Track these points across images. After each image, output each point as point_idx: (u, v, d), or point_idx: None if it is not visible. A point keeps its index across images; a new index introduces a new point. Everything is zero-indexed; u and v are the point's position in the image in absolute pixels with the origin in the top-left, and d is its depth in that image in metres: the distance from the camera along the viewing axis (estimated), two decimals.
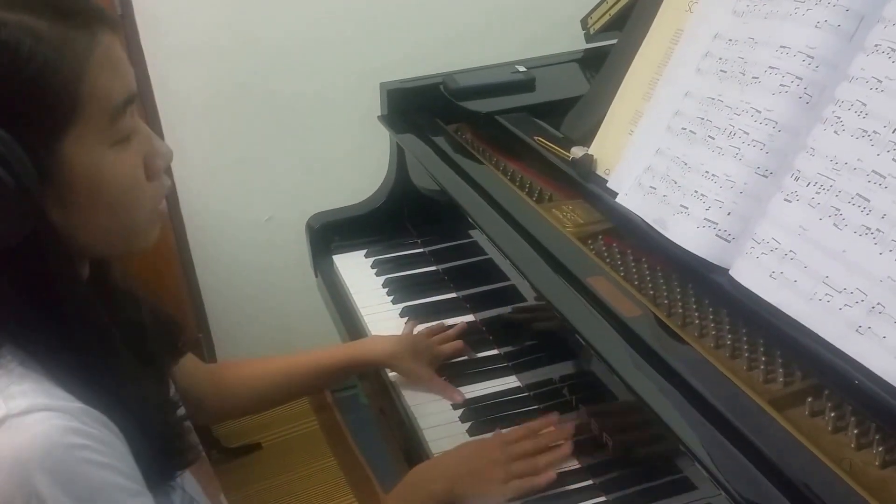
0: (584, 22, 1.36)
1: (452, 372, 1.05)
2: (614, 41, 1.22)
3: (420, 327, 1.11)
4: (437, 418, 0.98)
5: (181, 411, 0.76)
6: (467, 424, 0.97)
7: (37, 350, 0.59)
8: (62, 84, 0.56)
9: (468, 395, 1.01)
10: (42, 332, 0.59)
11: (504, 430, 0.90)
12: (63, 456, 0.56)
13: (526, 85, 1.26)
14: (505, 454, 0.85)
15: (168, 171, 0.68)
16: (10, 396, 0.56)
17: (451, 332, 1.10)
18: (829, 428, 0.66)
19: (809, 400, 0.68)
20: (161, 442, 0.66)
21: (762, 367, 0.72)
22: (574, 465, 0.89)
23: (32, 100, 0.55)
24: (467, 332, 1.11)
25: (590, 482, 0.86)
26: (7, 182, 0.54)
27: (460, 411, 0.99)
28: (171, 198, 1.69)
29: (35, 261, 0.58)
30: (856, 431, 0.64)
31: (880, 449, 0.63)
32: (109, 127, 0.59)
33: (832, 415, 0.66)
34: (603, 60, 1.12)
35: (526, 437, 0.88)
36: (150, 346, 0.72)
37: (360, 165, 1.51)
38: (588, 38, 1.36)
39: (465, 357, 1.07)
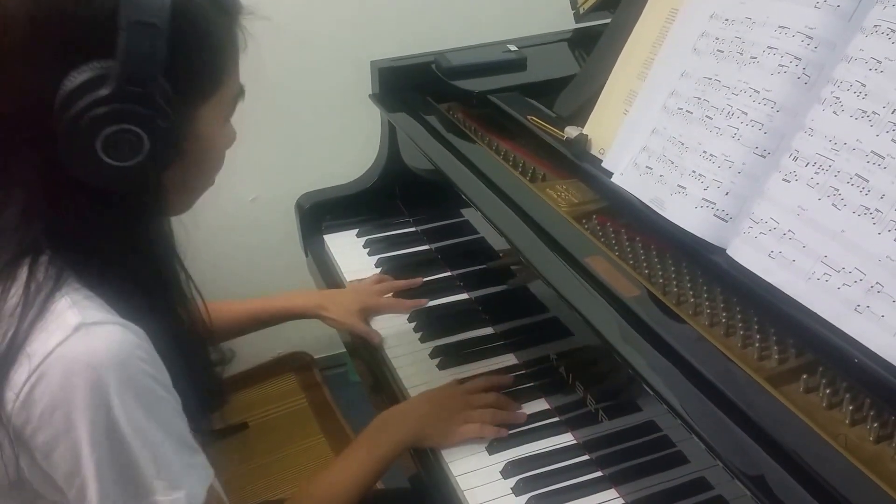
0: (573, 1, 1.34)
1: (449, 352, 1.04)
2: (603, 21, 1.20)
3: (366, 282, 1.16)
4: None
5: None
6: None
7: (102, 281, 0.62)
8: (223, 56, 0.65)
9: (464, 375, 1.00)
10: (118, 267, 0.63)
11: (466, 383, 0.96)
12: (134, 367, 0.59)
13: (517, 64, 1.24)
14: (465, 401, 0.91)
15: None
16: (84, 308, 0.60)
17: (393, 282, 1.14)
18: (824, 404, 0.66)
19: (804, 377, 0.68)
20: (201, 376, 0.72)
21: (756, 344, 0.72)
22: (570, 440, 0.89)
23: (201, 66, 0.63)
24: (460, 309, 1.10)
25: (586, 457, 0.87)
26: (169, 131, 0.59)
27: None
28: None
29: (138, 207, 0.63)
30: (850, 408, 0.65)
31: (875, 425, 0.63)
32: (232, 105, 0.69)
33: (827, 391, 0.67)
34: (592, 40, 1.10)
35: (485, 389, 0.94)
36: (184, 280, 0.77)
37: (351, 144, 1.48)
38: (577, 18, 1.34)
39: (411, 307, 1.11)
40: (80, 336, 0.58)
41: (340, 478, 0.85)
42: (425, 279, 1.17)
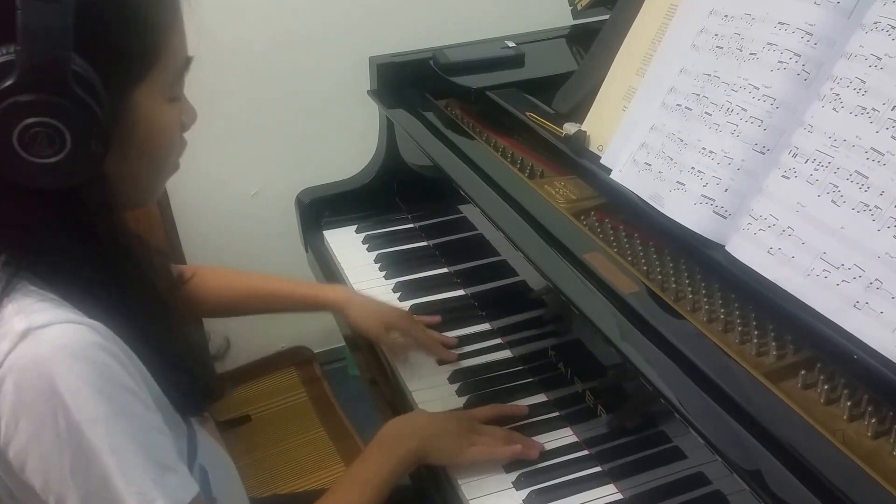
0: None
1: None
2: (601, 17, 1.19)
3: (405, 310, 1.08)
4: (431, 392, 0.97)
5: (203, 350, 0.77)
6: (463, 399, 0.96)
7: (64, 283, 0.58)
8: (152, 34, 0.58)
9: (462, 370, 0.99)
10: (76, 265, 0.59)
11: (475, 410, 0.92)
12: (89, 362, 0.55)
13: (515, 61, 1.23)
14: (474, 425, 0.87)
15: None
16: (31, 312, 0.56)
17: (424, 318, 1.06)
18: (822, 400, 0.66)
19: (802, 373, 0.68)
20: (186, 372, 0.66)
21: (755, 340, 0.71)
22: (570, 436, 0.88)
23: (127, 44, 0.57)
24: (457, 305, 1.09)
25: (585, 452, 0.86)
26: (94, 120, 0.54)
27: (456, 385, 0.97)
28: None
29: (84, 200, 0.58)
30: (848, 403, 0.64)
31: (873, 420, 0.63)
32: (173, 83, 0.62)
33: (825, 387, 0.66)
34: (590, 37, 1.09)
35: (496, 417, 0.89)
36: (162, 280, 0.73)
37: (350, 140, 1.47)
38: (575, 15, 1.33)
39: (442, 358, 1.02)
40: (28, 342, 0.54)
41: (355, 488, 0.80)
42: (422, 275, 1.16)
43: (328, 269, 1.23)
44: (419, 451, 0.84)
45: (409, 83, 1.24)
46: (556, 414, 0.92)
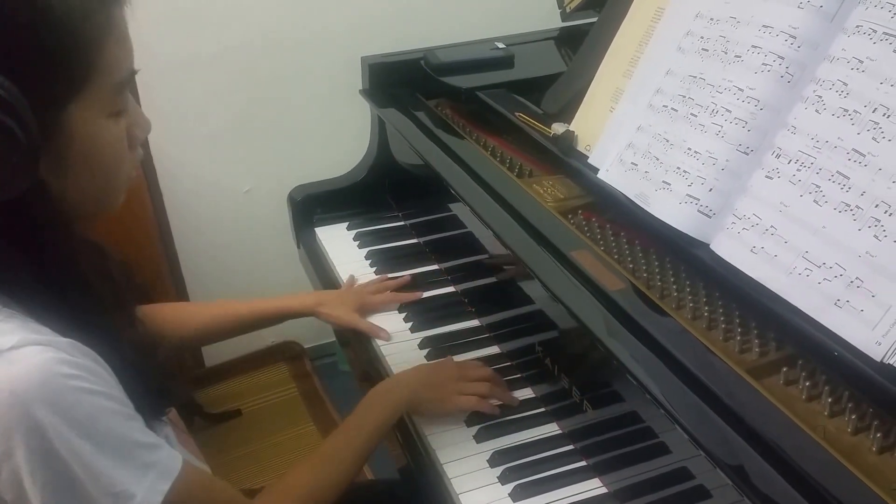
0: (560, 0, 1.32)
1: (437, 343, 1.03)
2: (590, 20, 1.19)
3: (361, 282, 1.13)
4: None
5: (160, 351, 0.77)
6: None
7: (22, 294, 0.58)
8: (82, 51, 0.56)
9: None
10: (29, 278, 0.58)
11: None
12: (58, 386, 0.55)
13: (505, 61, 1.22)
14: (461, 373, 0.91)
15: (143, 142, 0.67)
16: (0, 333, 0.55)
17: (387, 282, 1.12)
18: (804, 396, 0.65)
19: (784, 369, 0.67)
20: (145, 377, 0.66)
21: (738, 337, 0.71)
22: (556, 430, 0.88)
23: (53, 62, 0.54)
24: (447, 301, 1.08)
25: (571, 447, 0.86)
26: (17, 138, 0.52)
27: None
28: (148, 167, 1.61)
29: (26, 215, 0.57)
30: (829, 400, 0.64)
31: (853, 416, 0.62)
32: (112, 98, 0.59)
33: (806, 384, 0.66)
34: (579, 39, 1.09)
35: (479, 369, 0.93)
36: (117, 289, 0.72)
37: (342, 139, 1.46)
38: (564, 17, 1.32)
39: (405, 300, 1.09)
40: None
41: (347, 439, 0.83)
42: (413, 272, 1.16)
43: (319, 266, 1.22)
44: (410, 401, 0.88)
45: (401, 83, 1.23)
46: (543, 409, 0.91)
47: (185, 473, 0.63)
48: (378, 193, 1.30)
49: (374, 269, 1.18)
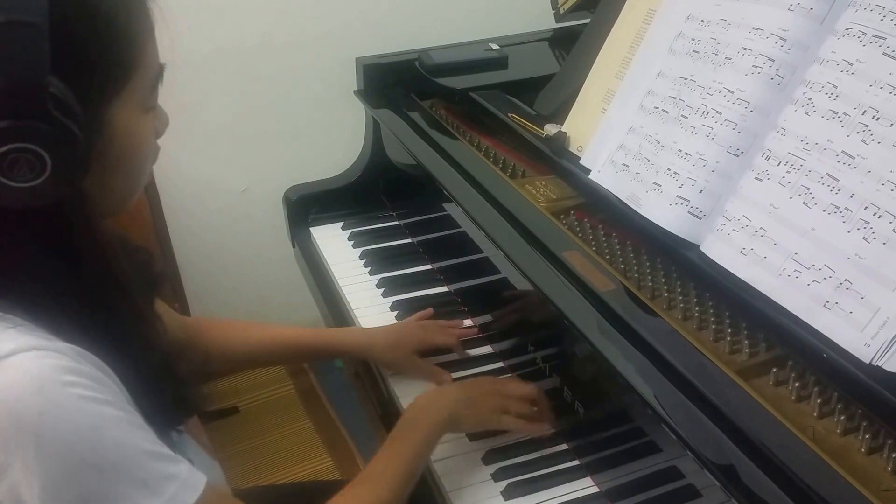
0: (553, 2, 1.31)
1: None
2: (583, 21, 1.18)
3: (410, 319, 1.03)
4: (413, 384, 0.95)
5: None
6: None
7: (29, 301, 0.54)
8: (127, 48, 0.56)
9: (443, 362, 0.98)
10: (49, 282, 0.55)
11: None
12: (57, 394, 0.51)
13: (499, 62, 1.21)
14: (498, 388, 0.86)
15: None
16: None
17: (454, 329, 1.01)
18: (793, 397, 0.65)
19: (774, 370, 0.67)
20: (164, 386, 0.62)
21: (728, 338, 0.70)
22: (549, 430, 0.87)
23: (103, 61, 0.54)
24: (440, 301, 1.07)
25: (564, 447, 0.85)
26: (75, 137, 0.51)
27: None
28: None
29: (59, 216, 0.55)
30: (818, 401, 0.63)
31: (842, 418, 0.62)
32: (149, 93, 0.59)
33: (796, 385, 0.65)
34: (573, 40, 1.08)
35: (520, 387, 0.88)
36: (134, 285, 0.67)
37: (337, 139, 1.45)
38: (558, 18, 1.31)
39: (456, 355, 0.99)
40: None
41: (390, 465, 0.75)
42: (408, 272, 1.14)
43: (314, 265, 1.21)
44: (450, 421, 0.81)
45: (395, 84, 1.22)
46: (535, 409, 0.90)
47: (206, 495, 0.57)
48: (372, 193, 1.30)
49: (368, 269, 1.17)
